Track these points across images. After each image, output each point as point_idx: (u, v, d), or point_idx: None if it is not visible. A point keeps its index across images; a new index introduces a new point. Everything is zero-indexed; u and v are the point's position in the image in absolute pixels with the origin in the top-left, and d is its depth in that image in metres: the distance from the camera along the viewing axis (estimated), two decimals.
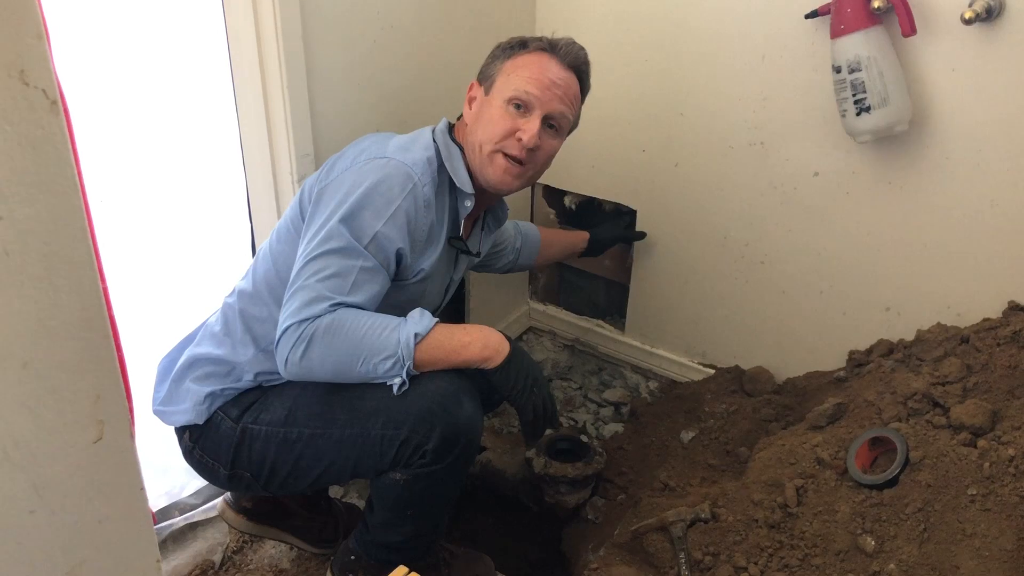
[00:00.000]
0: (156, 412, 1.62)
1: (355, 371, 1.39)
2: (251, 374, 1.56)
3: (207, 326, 1.64)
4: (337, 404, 1.48)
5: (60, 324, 0.85)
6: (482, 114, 1.56)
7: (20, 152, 0.77)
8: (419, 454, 1.43)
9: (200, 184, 1.98)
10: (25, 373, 0.83)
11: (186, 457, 1.62)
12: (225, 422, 1.54)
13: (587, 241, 2.26)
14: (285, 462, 1.52)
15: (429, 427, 1.41)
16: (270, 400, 1.55)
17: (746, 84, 2.03)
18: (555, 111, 1.55)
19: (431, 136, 1.58)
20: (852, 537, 1.50)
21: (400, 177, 1.45)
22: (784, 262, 2.16)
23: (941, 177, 1.84)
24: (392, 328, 1.39)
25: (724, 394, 2.23)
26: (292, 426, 1.50)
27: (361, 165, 1.47)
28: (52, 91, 0.78)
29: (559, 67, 1.56)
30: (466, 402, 1.45)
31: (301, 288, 1.39)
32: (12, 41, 0.74)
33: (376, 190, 1.43)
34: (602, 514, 1.96)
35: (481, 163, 1.56)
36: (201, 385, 1.55)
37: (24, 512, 0.87)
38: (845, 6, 1.74)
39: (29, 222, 0.80)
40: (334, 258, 1.40)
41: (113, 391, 0.92)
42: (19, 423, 0.84)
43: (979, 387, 1.63)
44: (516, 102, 1.53)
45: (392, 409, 1.43)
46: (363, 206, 1.42)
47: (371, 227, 1.42)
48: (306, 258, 1.41)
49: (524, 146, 1.52)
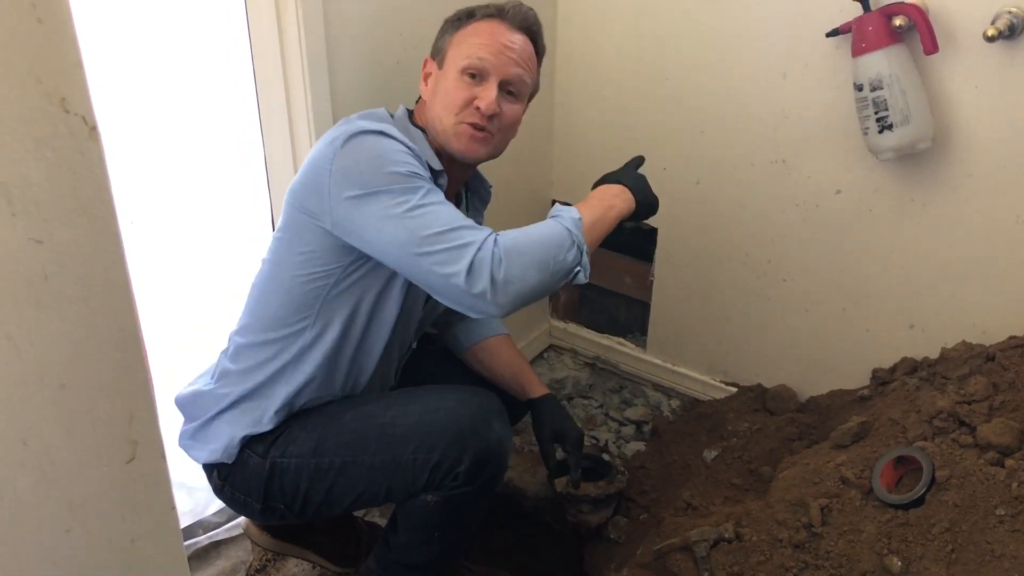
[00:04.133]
0: (183, 447, 1.61)
1: (550, 272, 1.37)
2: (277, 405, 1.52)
3: (224, 368, 1.60)
4: (366, 431, 1.47)
5: (96, 346, 0.86)
6: (438, 88, 1.52)
7: (61, 177, 0.79)
8: (451, 476, 1.43)
9: (225, 209, 2.01)
10: (62, 394, 0.85)
11: (217, 494, 1.61)
12: (252, 458, 1.53)
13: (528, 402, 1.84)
14: (318, 491, 1.51)
15: (461, 450, 1.41)
16: (295, 432, 1.53)
17: (767, 102, 2.03)
18: (511, 75, 1.50)
19: (392, 121, 1.53)
20: (878, 557, 1.48)
21: (377, 135, 1.39)
22: (806, 280, 2.15)
23: (965, 194, 1.83)
24: (551, 225, 1.41)
25: (747, 412, 2.22)
26: (322, 456, 1.49)
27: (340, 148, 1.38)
28: (91, 118, 0.80)
29: (510, 30, 1.51)
30: (496, 424, 1.46)
31: (432, 240, 1.32)
32: (54, 70, 0.76)
33: (372, 151, 1.37)
34: (625, 533, 1.95)
35: (445, 137, 1.52)
36: (233, 427, 1.53)
37: (61, 531, 0.88)
38: (866, 24, 1.74)
39: (68, 246, 0.81)
40: (420, 210, 1.34)
41: (146, 412, 0.93)
42: (56, 443, 0.86)
43: (1006, 406, 1.61)
44: (470, 71, 1.48)
45: (423, 433, 1.43)
46: (379, 169, 1.36)
47: (403, 168, 1.36)
48: (401, 230, 1.33)
49: (484, 113, 1.48)
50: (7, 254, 0.77)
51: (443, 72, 1.53)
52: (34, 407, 0.83)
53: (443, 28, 1.58)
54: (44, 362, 0.83)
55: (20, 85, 0.74)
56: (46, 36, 0.75)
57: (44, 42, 0.75)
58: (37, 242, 0.79)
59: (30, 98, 0.75)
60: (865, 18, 1.75)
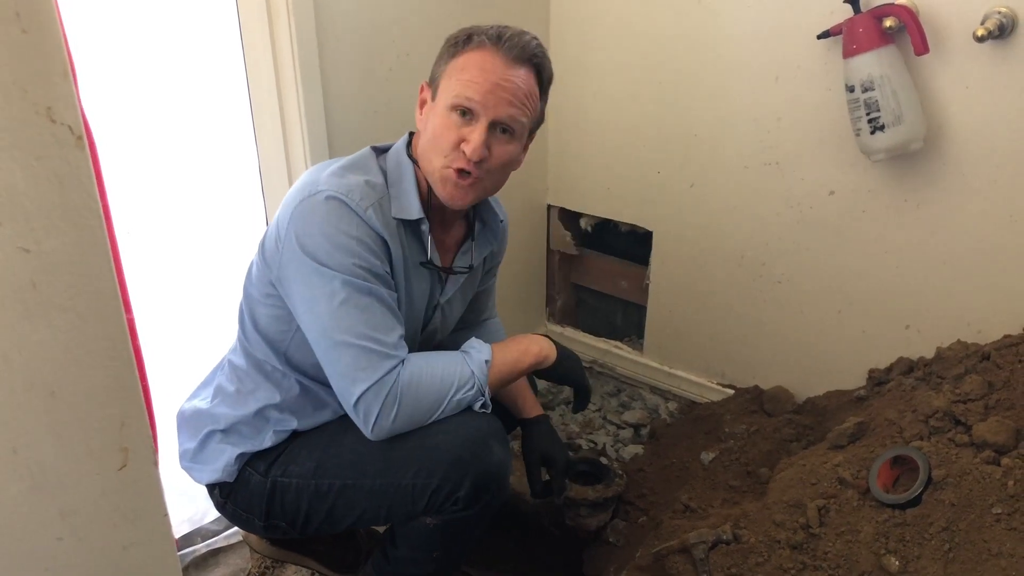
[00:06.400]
0: (184, 468, 1.61)
1: (441, 409, 1.41)
2: (272, 429, 1.53)
3: (221, 388, 1.59)
4: (367, 454, 1.45)
5: (86, 353, 0.87)
6: (428, 122, 1.42)
7: (47, 187, 0.79)
8: (451, 501, 1.42)
9: (221, 220, 2.01)
10: (52, 402, 0.85)
11: (219, 510, 1.61)
12: (254, 477, 1.52)
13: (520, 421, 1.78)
14: (318, 511, 1.50)
15: (461, 475, 1.40)
16: (296, 451, 1.52)
17: (760, 104, 2.04)
18: (503, 116, 1.37)
19: (376, 162, 1.47)
20: (876, 557, 1.48)
21: (336, 206, 1.34)
22: (802, 281, 2.16)
23: (958, 193, 1.84)
24: (460, 363, 1.44)
25: (744, 414, 2.22)
26: (323, 477, 1.48)
27: (296, 207, 1.36)
28: (78, 127, 0.80)
29: (505, 64, 1.36)
30: (496, 447, 1.44)
31: (345, 347, 1.34)
32: (41, 80, 0.77)
33: (327, 225, 1.33)
34: (623, 537, 1.95)
35: (432, 180, 1.43)
36: (234, 446, 1.53)
37: (52, 539, 0.89)
38: (857, 26, 1.75)
39: (56, 254, 0.82)
40: (350, 308, 1.34)
41: (137, 419, 0.94)
42: (46, 451, 0.86)
43: (1001, 404, 1.61)
44: (460, 109, 1.37)
45: (423, 458, 1.41)
46: (331, 247, 1.33)
47: (350, 258, 1.33)
48: (327, 318, 1.34)
49: (469, 159, 1.37)
50: None
51: (435, 105, 1.41)
52: (24, 415, 0.84)
53: (443, 50, 1.43)
54: (34, 370, 0.83)
55: (5, 95, 0.75)
56: (32, 46, 0.75)
57: (30, 52, 0.75)
58: (25, 251, 0.79)
59: (16, 108, 0.76)
60: (856, 20, 1.76)
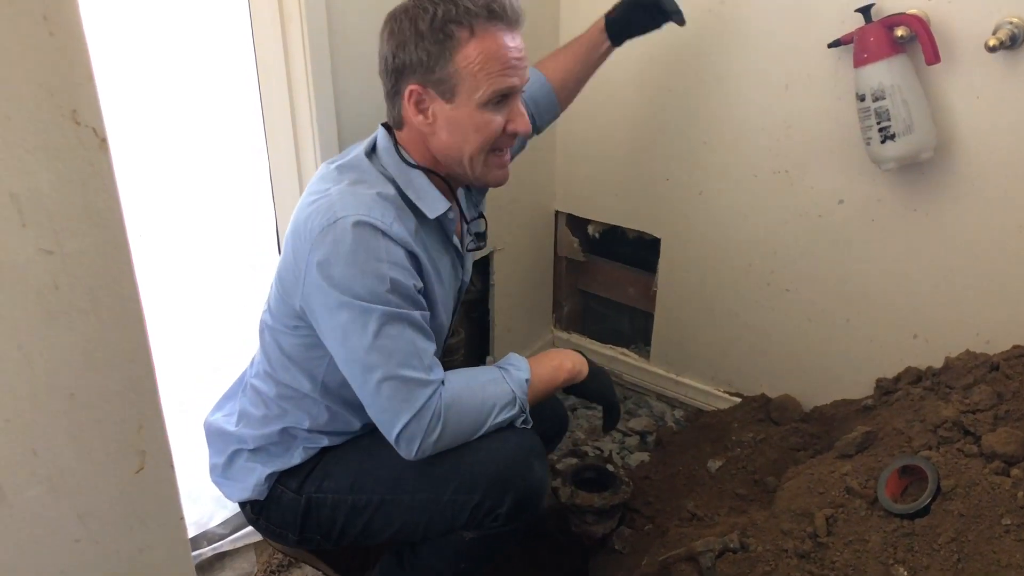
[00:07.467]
0: (215, 483, 1.60)
1: (482, 429, 1.41)
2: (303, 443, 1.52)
3: (245, 412, 1.56)
4: (405, 469, 1.42)
5: (105, 356, 0.87)
6: (454, 125, 1.37)
7: (71, 188, 0.80)
8: (492, 516, 1.42)
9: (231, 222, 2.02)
10: (71, 404, 0.85)
11: (252, 525, 1.61)
12: (286, 494, 1.51)
13: (603, 32, 1.81)
14: (354, 526, 1.49)
15: (502, 491, 1.40)
16: (329, 467, 1.51)
17: (770, 112, 2.04)
18: (527, 78, 1.41)
19: (376, 169, 1.42)
20: (884, 567, 1.48)
21: (364, 232, 1.29)
22: (810, 290, 2.16)
23: (968, 203, 1.84)
24: (500, 381, 1.44)
25: (751, 423, 2.22)
26: (360, 493, 1.47)
27: (317, 236, 1.30)
28: (101, 130, 0.81)
29: (511, 34, 1.36)
30: (536, 465, 1.45)
31: (382, 381, 1.31)
32: (65, 82, 0.77)
33: (355, 254, 1.29)
34: (629, 544, 1.95)
35: (473, 172, 1.42)
36: (264, 465, 1.52)
37: (70, 541, 0.89)
38: (868, 35, 1.75)
39: (78, 256, 0.82)
40: (384, 339, 1.30)
41: (154, 422, 0.94)
42: (65, 453, 0.86)
43: (1011, 415, 1.61)
44: (498, 98, 1.36)
45: (464, 474, 1.40)
46: (359, 275, 1.29)
47: (382, 285, 1.30)
48: (361, 351, 1.31)
49: (519, 134, 1.41)
50: (18, 264, 0.78)
51: (456, 107, 1.35)
52: (44, 417, 0.84)
53: (427, 48, 1.33)
54: (54, 372, 0.83)
55: (32, 97, 0.75)
56: (58, 49, 0.76)
57: (56, 55, 0.76)
58: (47, 252, 0.80)
59: (41, 110, 0.76)
60: (867, 29, 1.76)
